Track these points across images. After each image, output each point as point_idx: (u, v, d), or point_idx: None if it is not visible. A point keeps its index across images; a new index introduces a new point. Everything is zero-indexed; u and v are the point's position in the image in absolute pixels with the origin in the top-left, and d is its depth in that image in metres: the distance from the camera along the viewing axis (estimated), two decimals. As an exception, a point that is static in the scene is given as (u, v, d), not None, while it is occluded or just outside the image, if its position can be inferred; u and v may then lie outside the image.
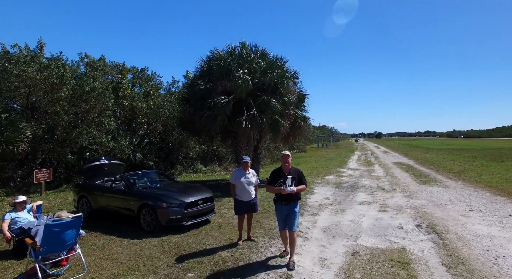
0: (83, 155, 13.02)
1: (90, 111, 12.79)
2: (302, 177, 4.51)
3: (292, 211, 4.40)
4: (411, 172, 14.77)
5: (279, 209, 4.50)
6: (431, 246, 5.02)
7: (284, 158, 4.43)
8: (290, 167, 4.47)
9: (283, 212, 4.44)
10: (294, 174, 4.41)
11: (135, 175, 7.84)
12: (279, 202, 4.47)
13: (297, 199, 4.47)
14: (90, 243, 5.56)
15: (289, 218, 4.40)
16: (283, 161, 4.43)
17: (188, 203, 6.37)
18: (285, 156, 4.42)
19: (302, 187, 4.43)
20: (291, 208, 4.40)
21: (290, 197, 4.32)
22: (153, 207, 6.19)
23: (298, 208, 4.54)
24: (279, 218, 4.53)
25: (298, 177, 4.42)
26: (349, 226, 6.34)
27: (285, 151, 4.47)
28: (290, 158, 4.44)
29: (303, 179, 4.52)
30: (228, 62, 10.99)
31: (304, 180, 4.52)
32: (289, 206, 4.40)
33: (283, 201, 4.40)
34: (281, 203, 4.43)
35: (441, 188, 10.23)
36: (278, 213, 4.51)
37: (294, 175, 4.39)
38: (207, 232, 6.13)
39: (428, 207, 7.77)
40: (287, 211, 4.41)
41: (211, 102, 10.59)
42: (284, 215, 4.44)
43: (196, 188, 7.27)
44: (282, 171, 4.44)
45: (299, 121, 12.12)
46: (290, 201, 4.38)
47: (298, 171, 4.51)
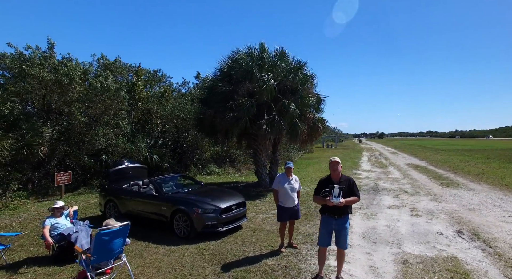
0: (99, 157, 12.91)
1: (105, 112, 12.69)
2: (354, 187, 3.97)
3: (343, 227, 3.94)
4: (428, 174, 14.59)
5: (325, 222, 4.02)
6: (483, 255, 4.86)
7: (333, 165, 3.96)
8: (341, 175, 4.00)
9: (329, 226, 3.98)
10: (344, 183, 3.91)
11: (161, 179, 7.72)
12: (327, 214, 3.97)
13: (348, 212, 3.98)
14: (127, 249, 5.42)
15: (339, 235, 3.96)
16: (332, 168, 3.97)
17: (223, 208, 6.24)
18: (334, 163, 3.96)
19: (353, 199, 3.89)
20: (341, 223, 3.93)
21: (340, 209, 3.83)
22: (187, 212, 6.05)
23: (349, 223, 4.06)
24: (323, 232, 4.03)
25: (348, 187, 3.92)
26: (387, 231, 6.19)
27: (334, 157, 4.07)
28: (340, 165, 3.97)
29: (355, 189, 3.98)
30: (249, 64, 10.85)
31: (357, 191, 3.98)
32: (338, 220, 3.93)
33: (331, 214, 3.92)
34: (329, 216, 3.95)
35: (467, 192, 10.06)
36: (323, 227, 4.03)
37: (344, 185, 3.87)
38: (243, 239, 5.98)
39: (461, 211, 7.60)
40: (335, 226, 3.95)
41: (233, 104, 10.47)
42: (331, 230, 4.00)
43: (227, 193, 7.14)
44: (331, 179, 3.98)
45: (317, 124, 11.97)
46: (340, 214, 3.90)
47: (349, 180, 4.00)
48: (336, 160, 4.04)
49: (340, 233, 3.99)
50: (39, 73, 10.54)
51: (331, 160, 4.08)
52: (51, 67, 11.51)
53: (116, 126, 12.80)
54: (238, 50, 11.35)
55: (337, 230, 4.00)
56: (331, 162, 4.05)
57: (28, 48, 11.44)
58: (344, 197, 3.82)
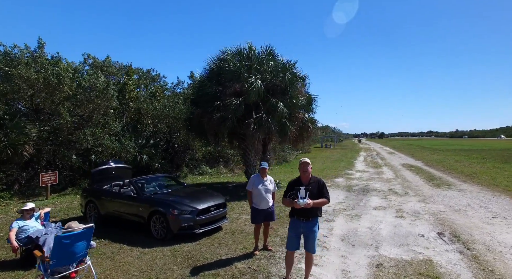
0: (88, 158, 12.83)
1: (94, 111, 12.61)
2: (323, 189, 3.81)
3: (311, 230, 3.78)
4: (421, 175, 14.46)
5: (293, 225, 3.87)
6: (460, 258, 4.75)
7: (303, 166, 3.81)
8: (311, 176, 3.87)
9: (298, 229, 3.83)
10: (313, 185, 3.78)
11: (143, 179, 7.63)
12: (295, 216, 3.83)
13: (317, 215, 3.83)
14: (100, 252, 5.33)
15: (308, 238, 3.81)
16: (302, 170, 3.82)
17: (201, 209, 6.15)
18: (304, 164, 3.81)
19: (321, 201, 3.73)
20: (309, 226, 3.78)
21: (308, 212, 3.69)
22: (164, 214, 5.96)
23: (318, 226, 3.91)
24: (291, 235, 3.89)
25: (317, 189, 3.77)
26: (368, 233, 6.08)
27: (305, 158, 3.89)
28: (310, 166, 3.85)
29: (325, 191, 3.81)
30: (237, 65, 10.74)
31: (327, 193, 3.82)
32: (307, 223, 3.77)
33: (300, 217, 3.78)
34: (297, 219, 3.81)
35: (457, 192, 9.93)
36: (291, 230, 3.89)
37: (312, 186, 3.75)
38: (220, 240, 5.88)
39: (446, 213, 7.49)
40: (304, 229, 3.80)
41: (220, 104, 10.38)
42: (299, 233, 3.85)
43: (208, 194, 7.04)
44: (300, 181, 3.84)
45: (307, 124, 11.85)
46: (308, 217, 3.75)
47: (318, 182, 3.85)
48: (305, 161, 3.91)
49: (308, 237, 3.86)
50: (25, 72, 10.47)
51: (300, 161, 3.95)
52: (39, 66, 11.45)
53: (105, 126, 12.71)
54: (226, 50, 11.26)
55: (305, 233, 3.87)
56: (300, 163, 3.92)
57: (15, 47, 11.36)
58: (313, 199, 3.69)
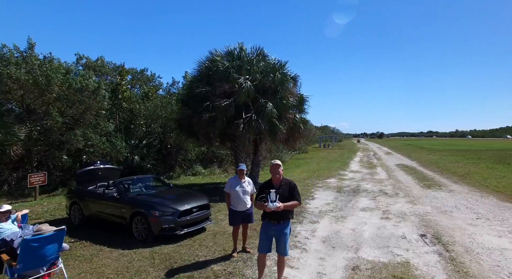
0: (79, 158, 12.82)
1: (86, 112, 12.58)
2: (294, 191, 3.81)
3: (282, 233, 3.78)
4: (414, 175, 14.43)
5: (264, 228, 3.85)
6: (437, 260, 4.72)
7: (274, 168, 3.80)
8: (282, 178, 3.86)
9: (269, 232, 3.81)
10: (284, 187, 3.77)
11: (129, 180, 7.61)
12: (266, 219, 3.79)
13: (289, 218, 3.84)
14: (78, 254, 5.31)
15: (279, 241, 3.81)
16: (273, 172, 3.80)
17: (182, 211, 6.13)
18: (275, 167, 3.80)
19: (292, 204, 3.72)
20: (280, 229, 3.77)
21: (279, 215, 3.66)
22: (145, 215, 5.94)
23: (290, 229, 3.91)
24: (262, 237, 3.86)
25: (288, 191, 3.77)
26: (350, 235, 6.05)
27: (275, 160, 3.92)
28: (281, 168, 3.84)
29: (296, 193, 3.81)
30: (227, 65, 10.72)
31: (298, 195, 3.82)
32: (278, 226, 3.76)
33: (271, 220, 3.75)
34: (269, 221, 3.78)
35: (446, 193, 9.90)
36: (263, 232, 3.87)
37: (283, 189, 3.74)
38: (201, 242, 5.86)
39: (432, 214, 7.46)
40: (275, 232, 3.79)
41: (210, 104, 10.35)
42: (270, 236, 3.83)
43: (191, 195, 7.02)
44: (271, 184, 3.81)
45: (298, 124, 11.82)
46: (279, 219, 3.73)
47: (290, 184, 3.84)
48: (277, 163, 3.89)
49: (280, 239, 3.84)
50: (14, 73, 10.44)
51: (272, 163, 3.93)
52: (29, 67, 11.43)
53: (96, 126, 12.69)
54: (216, 51, 11.23)
55: (276, 236, 3.85)
56: (271, 165, 3.90)
57: (3, 47, 11.33)
58: (284, 201, 3.68)
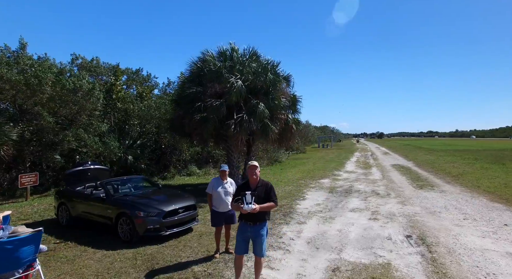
0: (73, 158, 12.82)
1: (79, 113, 12.58)
2: (271, 192, 3.80)
3: (258, 234, 3.77)
4: (408, 176, 14.42)
5: (241, 229, 3.87)
6: (419, 261, 4.71)
7: (251, 170, 3.80)
8: (259, 180, 3.86)
9: (245, 233, 3.83)
10: (261, 189, 3.77)
11: (118, 181, 7.62)
12: (243, 220, 3.82)
13: (265, 219, 3.83)
14: (61, 255, 5.30)
15: (255, 242, 3.81)
16: (250, 173, 3.80)
17: (168, 211, 6.13)
18: (252, 168, 3.80)
19: (268, 205, 3.71)
20: (256, 230, 3.77)
21: (255, 216, 3.67)
22: (130, 216, 5.94)
23: (266, 230, 3.91)
24: (239, 239, 3.88)
25: (265, 193, 3.76)
26: (336, 236, 6.04)
27: (253, 161, 3.90)
28: (258, 170, 3.84)
29: (273, 194, 3.80)
30: (219, 66, 10.72)
31: (274, 197, 3.80)
32: (254, 227, 3.77)
33: (247, 221, 3.77)
34: (245, 223, 3.80)
35: (438, 194, 9.89)
36: (239, 234, 3.88)
37: (259, 190, 3.74)
38: (186, 243, 5.86)
39: (421, 215, 7.45)
40: (251, 234, 3.80)
41: (201, 105, 10.35)
42: (247, 237, 3.85)
43: (178, 196, 7.01)
44: (248, 185, 3.84)
45: (291, 125, 11.81)
46: (255, 221, 3.74)
47: (266, 185, 3.83)
48: (253, 164, 3.88)
49: (256, 241, 3.84)
50: (6, 73, 10.43)
51: (249, 164, 3.92)
52: (21, 67, 11.42)
53: (90, 126, 12.68)
54: (207, 51, 11.22)
55: (253, 238, 3.85)
56: (248, 166, 3.90)
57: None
58: (260, 203, 3.69)
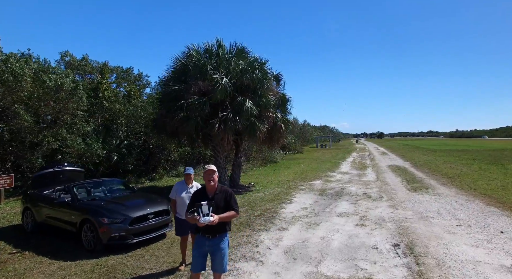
0: (54, 158, 12.36)
1: (61, 112, 12.10)
2: (231, 200, 3.34)
3: (218, 248, 3.29)
4: (403, 177, 13.94)
5: (198, 243, 3.36)
6: (404, 275, 4.23)
7: (207, 175, 3.32)
8: (217, 186, 3.39)
9: (203, 248, 3.31)
10: (219, 196, 3.32)
11: (90, 183, 7.16)
12: (200, 233, 3.31)
13: (226, 230, 3.36)
14: (10, 268, 4.83)
15: (214, 257, 3.31)
16: (206, 179, 3.32)
17: (135, 217, 5.66)
18: (208, 173, 3.32)
19: (228, 215, 3.25)
20: (216, 244, 3.29)
21: (214, 228, 3.18)
22: (93, 222, 5.47)
23: (227, 242, 3.43)
24: (195, 254, 3.35)
25: (224, 201, 3.32)
26: (317, 245, 5.56)
27: (209, 165, 3.41)
28: (216, 175, 3.37)
29: (233, 202, 3.35)
30: (202, 61, 10.25)
31: (235, 205, 3.35)
32: (213, 241, 3.27)
33: (205, 233, 3.26)
34: (202, 236, 3.29)
35: (432, 197, 9.41)
36: (196, 248, 3.37)
37: (219, 198, 3.30)
38: (154, 252, 5.40)
39: (412, 220, 6.97)
40: (209, 248, 3.30)
41: (184, 103, 9.88)
42: (204, 252, 3.33)
43: (150, 200, 6.53)
44: (205, 192, 3.37)
45: (279, 124, 11.34)
46: (214, 233, 3.25)
47: (226, 193, 3.37)
48: (211, 168, 3.39)
49: (215, 255, 3.34)
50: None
51: (205, 168, 3.44)
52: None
53: (72, 126, 12.21)
54: (193, 46, 10.75)
55: (211, 252, 3.35)
56: (205, 171, 3.41)
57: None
58: (219, 212, 3.21)
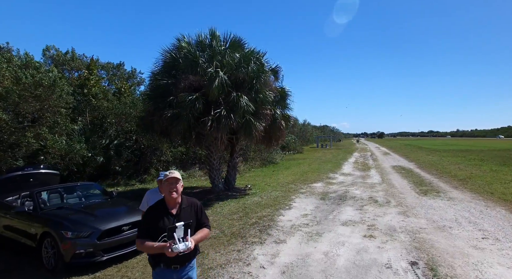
0: (36, 159, 11.52)
1: (42, 110, 11.24)
2: (202, 215, 2.59)
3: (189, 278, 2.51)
4: (410, 179, 13.07)
5: (161, 277, 2.45)
6: (430, 308, 3.38)
7: (169, 184, 2.43)
8: (181, 200, 2.51)
9: None
10: (187, 211, 2.50)
11: (64, 188, 6.32)
12: (162, 265, 2.41)
13: (195, 254, 2.56)
14: None
15: None
16: (168, 189, 2.43)
17: (106, 230, 4.80)
18: (170, 181, 2.43)
19: (203, 235, 2.52)
20: (185, 274, 2.48)
21: (183, 255, 2.36)
22: (54, 236, 4.61)
23: (196, 270, 2.62)
24: None
25: (195, 217, 2.52)
26: (320, 263, 4.70)
27: (171, 171, 2.49)
28: (180, 184, 2.47)
29: (204, 217, 2.60)
30: (193, 53, 9.39)
31: (206, 219, 2.62)
32: (182, 270, 2.45)
33: (171, 265, 2.40)
34: (167, 268, 2.41)
35: (445, 202, 8.54)
36: None
37: (187, 214, 2.48)
38: (126, 271, 4.55)
39: (427, 230, 6.10)
40: None
41: (174, 99, 9.03)
42: None
43: (128, 208, 5.67)
44: (167, 209, 2.46)
45: (279, 122, 10.47)
46: (184, 261, 2.44)
47: (195, 206, 2.57)
48: (173, 176, 2.46)
49: None
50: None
51: (165, 175, 2.51)
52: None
53: (54, 126, 11.36)
54: (183, 36, 9.87)
55: None
56: (165, 179, 2.48)
57: None
58: (191, 233, 2.39)
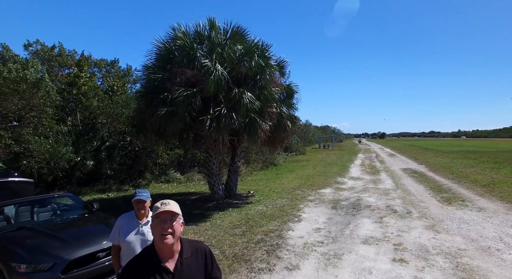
0: (18, 163, 10.54)
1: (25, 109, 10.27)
2: (213, 268, 1.74)
3: None
4: (426, 184, 12.05)
5: None
6: None
7: (161, 223, 1.54)
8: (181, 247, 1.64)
9: None
10: (193, 267, 1.63)
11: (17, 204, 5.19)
12: None
13: None
14: None
15: None
16: (158, 231, 1.54)
17: (75, 260, 3.79)
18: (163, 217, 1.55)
19: None
20: None
21: None
22: (2, 271, 3.60)
23: None
24: None
25: (204, 271, 1.69)
26: (347, 301, 3.68)
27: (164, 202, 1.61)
28: (179, 222, 1.59)
29: (215, 270, 1.75)
30: (192, 46, 8.39)
31: (218, 272, 1.78)
32: None
33: None
34: None
35: (476, 213, 7.51)
36: None
37: (189, 266, 1.61)
38: (99, 314, 3.52)
39: (470, 253, 5.07)
40: None
41: (168, 96, 8.02)
42: None
43: (106, 229, 4.61)
44: (159, 261, 1.56)
45: (285, 121, 9.44)
46: None
47: (201, 254, 1.71)
48: (167, 209, 1.57)
49: None
50: None
51: (155, 208, 1.59)
52: None
53: (37, 127, 10.39)
54: (179, 27, 8.84)
55: None
56: (153, 215, 1.59)
57: None
58: None
